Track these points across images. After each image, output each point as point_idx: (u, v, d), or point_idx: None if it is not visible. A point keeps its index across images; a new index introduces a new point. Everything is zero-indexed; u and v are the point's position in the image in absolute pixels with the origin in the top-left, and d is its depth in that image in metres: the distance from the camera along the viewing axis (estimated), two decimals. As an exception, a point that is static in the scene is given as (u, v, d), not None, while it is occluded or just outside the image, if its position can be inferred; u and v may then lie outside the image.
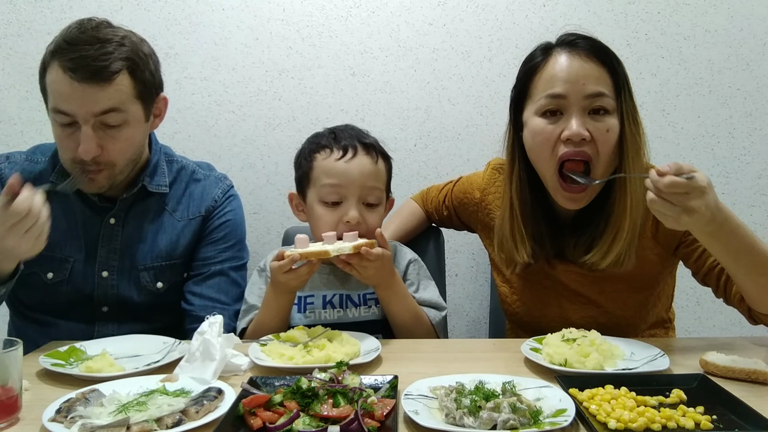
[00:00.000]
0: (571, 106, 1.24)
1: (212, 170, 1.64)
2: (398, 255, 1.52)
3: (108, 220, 1.48)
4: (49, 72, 1.32)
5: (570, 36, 1.29)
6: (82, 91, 1.29)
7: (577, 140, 1.23)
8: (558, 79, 1.25)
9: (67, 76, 1.28)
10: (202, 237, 1.56)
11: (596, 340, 1.16)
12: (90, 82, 1.29)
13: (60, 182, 1.38)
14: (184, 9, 1.99)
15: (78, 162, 1.35)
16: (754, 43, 2.01)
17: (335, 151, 1.41)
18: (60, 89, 1.30)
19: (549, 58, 1.28)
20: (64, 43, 1.31)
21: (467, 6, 2.01)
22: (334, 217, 1.40)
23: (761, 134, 2.04)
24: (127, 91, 1.35)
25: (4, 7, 1.97)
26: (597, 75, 1.25)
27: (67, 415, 0.88)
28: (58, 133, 1.36)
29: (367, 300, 1.46)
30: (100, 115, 1.32)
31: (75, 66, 1.28)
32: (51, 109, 1.34)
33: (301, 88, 2.03)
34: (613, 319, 1.38)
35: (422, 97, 2.04)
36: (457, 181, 1.65)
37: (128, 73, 1.34)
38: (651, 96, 2.03)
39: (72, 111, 1.31)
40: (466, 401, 0.89)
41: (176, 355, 1.16)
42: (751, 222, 2.07)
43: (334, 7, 2.01)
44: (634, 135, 1.26)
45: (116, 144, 1.36)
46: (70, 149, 1.35)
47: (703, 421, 0.88)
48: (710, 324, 2.11)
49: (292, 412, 0.87)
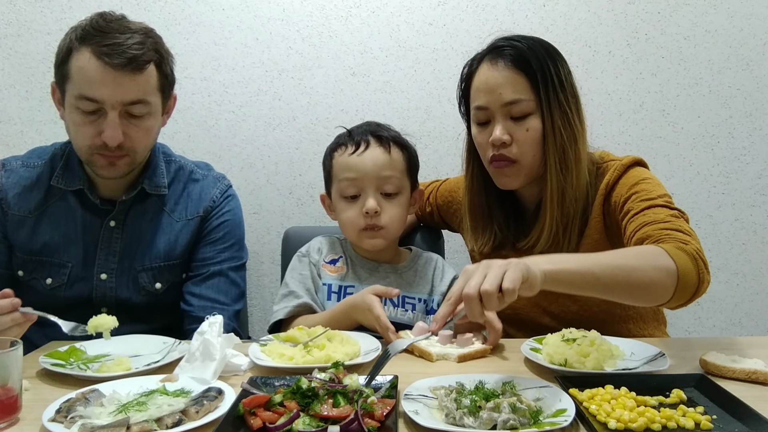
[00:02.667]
0: (494, 113, 1.35)
1: (210, 170, 1.63)
2: (436, 269, 1.55)
3: (108, 223, 1.48)
4: (77, 58, 1.31)
5: (499, 41, 1.38)
6: (114, 78, 1.30)
7: (498, 144, 1.34)
8: (480, 91, 1.37)
9: (101, 62, 1.28)
10: (201, 237, 1.56)
11: (596, 340, 1.16)
12: (124, 69, 1.30)
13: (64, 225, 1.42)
14: (184, 9, 1.99)
15: (97, 148, 1.35)
16: (754, 43, 2.01)
17: (349, 147, 1.47)
18: (91, 75, 1.29)
19: (478, 68, 1.39)
20: (95, 31, 1.30)
21: (467, 6, 2.01)
22: (356, 210, 1.45)
23: (761, 134, 2.04)
24: (153, 82, 1.37)
25: (4, 7, 1.97)
26: (513, 83, 1.33)
27: (67, 415, 0.88)
28: (77, 119, 1.34)
29: (406, 303, 1.47)
30: (129, 104, 1.33)
31: (111, 52, 1.28)
32: (76, 96, 1.32)
33: (301, 88, 2.03)
34: (584, 306, 1.40)
35: (422, 97, 2.04)
36: (444, 181, 1.71)
37: (155, 66, 1.37)
38: (651, 96, 2.03)
39: (102, 97, 1.31)
40: (466, 401, 0.89)
41: (176, 355, 1.16)
42: (750, 222, 2.07)
43: (334, 7, 2.01)
44: (558, 129, 1.33)
45: (138, 132, 1.38)
46: (89, 136, 1.34)
47: (703, 421, 0.87)
48: (710, 324, 2.11)
49: (292, 412, 0.86)
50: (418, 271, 1.54)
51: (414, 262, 1.56)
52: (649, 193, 1.28)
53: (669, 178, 2.04)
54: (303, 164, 2.05)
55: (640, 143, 2.03)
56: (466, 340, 1.23)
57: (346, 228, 1.49)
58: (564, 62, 1.37)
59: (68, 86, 1.34)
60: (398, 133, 1.53)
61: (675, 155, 2.04)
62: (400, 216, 1.48)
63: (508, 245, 1.47)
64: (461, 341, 1.23)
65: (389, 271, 1.52)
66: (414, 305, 1.47)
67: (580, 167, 1.35)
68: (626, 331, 1.42)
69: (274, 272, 2.04)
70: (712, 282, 1.40)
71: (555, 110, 1.33)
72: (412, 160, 1.52)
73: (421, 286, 1.51)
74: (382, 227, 1.45)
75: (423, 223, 1.80)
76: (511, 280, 0.93)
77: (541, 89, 1.32)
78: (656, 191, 1.29)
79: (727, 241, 2.07)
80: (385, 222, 1.44)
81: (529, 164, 1.36)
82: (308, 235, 1.70)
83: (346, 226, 1.49)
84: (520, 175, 1.37)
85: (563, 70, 1.35)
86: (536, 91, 1.32)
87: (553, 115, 1.33)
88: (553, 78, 1.33)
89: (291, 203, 2.07)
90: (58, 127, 1.90)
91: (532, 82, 1.32)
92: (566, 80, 1.35)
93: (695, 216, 2.06)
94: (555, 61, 1.35)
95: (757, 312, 2.10)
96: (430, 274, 1.54)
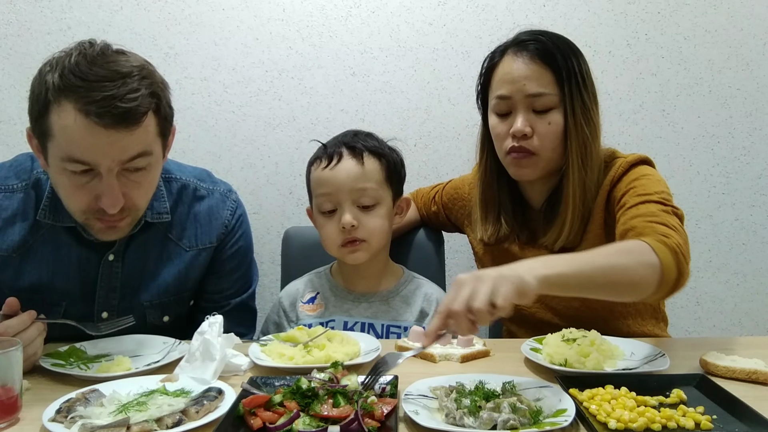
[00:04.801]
0: (516, 105, 1.34)
1: (214, 182, 1.47)
2: (428, 298, 1.49)
3: (107, 258, 1.31)
4: (57, 114, 1.09)
5: (523, 35, 1.38)
6: (108, 138, 1.08)
7: (520, 135, 1.33)
8: (504, 81, 1.36)
9: (89, 121, 1.07)
10: (214, 269, 1.44)
11: (596, 340, 1.16)
12: (118, 127, 1.09)
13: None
14: (184, 9, 1.99)
15: (93, 213, 1.17)
16: (754, 43, 2.00)
17: (323, 161, 1.44)
18: (78, 136, 1.08)
19: (502, 60, 1.38)
20: (77, 80, 1.07)
21: (467, 6, 2.01)
22: (334, 225, 1.42)
23: (761, 134, 2.04)
24: (153, 131, 1.17)
25: (4, 7, 1.97)
26: (538, 75, 1.33)
27: (67, 415, 0.88)
28: (65, 182, 1.14)
29: (391, 333, 1.44)
30: (128, 161, 1.14)
31: (100, 110, 1.06)
32: (62, 158, 1.11)
33: (301, 88, 2.03)
34: (585, 302, 1.39)
35: (422, 97, 2.04)
36: (449, 181, 1.70)
37: (153, 111, 1.15)
38: (651, 96, 2.03)
39: (95, 161, 1.10)
40: (466, 401, 0.89)
41: (176, 355, 1.16)
42: (750, 222, 2.07)
43: (334, 7, 2.01)
44: (580, 125, 1.34)
45: (140, 190, 1.19)
46: (83, 201, 1.15)
47: (703, 421, 0.87)
48: (710, 324, 2.11)
49: (292, 412, 0.87)
50: (407, 297, 1.49)
51: (403, 286, 1.50)
52: (646, 189, 1.29)
53: (669, 178, 2.03)
54: (303, 164, 2.02)
55: (640, 143, 2.03)
56: (467, 341, 1.23)
57: (326, 244, 1.46)
58: (585, 60, 1.38)
59: (50, 144, 1.12)
60: (379, 140, 1.48)
61: (675, 155, 2.04)
62: (381, 227, 1.43)
63: (511, 238, 1.48)
64: (462, 342, 1.23)
65: (373, 299, 1.48)
66: (399, 334, 1.43)
67: (597, 164, 1.36)
68: (625, 327, 1.42)
69: (274, 272, 2.03)
70: (712, 282, 1.40)
71: (577, 106, 1.33)
72: (391, 168, 1.46)
73: (408, 314, 1.46)
74: (363, 240, 1.41)
75: (427, 225, 1.77)
76: (504, 297, 0.90)
77: (565, 84, 1.33)
78: (654, 188, 1.29)
79: (727, 241, 2.07)
80: (364, 235, 1.40)
81: (548, 158, 1.36)
82: (308, 235, 1.70)
83: (326, 241, 1.46)
84: (538, 168, 1.37)
85: (585, 67, 1.37)
86: (560, 86, 1.33)
87: (575, 111, 1.33)
88: (576, 74, 1.34)
89: (291, 203, 2.07)
90: (58, 127, 1.91)
91: (557, 76, 1.33)
92: (587, 77, 1.36)
93: (695, 216, 2.06)
94: (578, 57, 1.36)
95: (757, 312, 2.09)
96: (419, 301, 1.48)
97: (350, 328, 1.44)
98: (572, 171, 1.35)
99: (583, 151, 1.34)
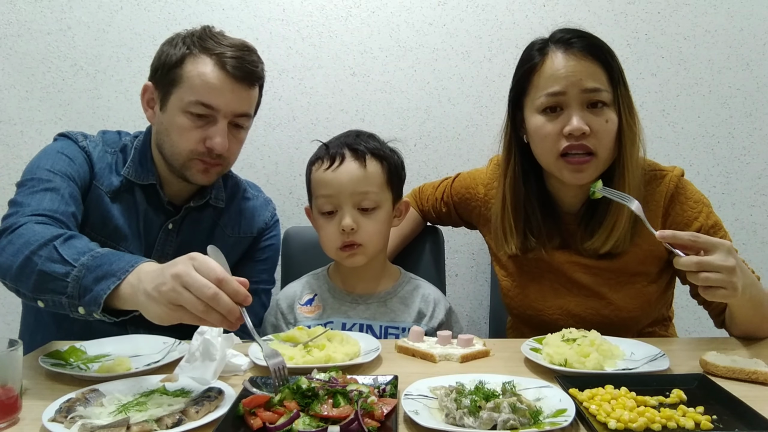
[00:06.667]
0: (570, 101, 1.28)
1: (260, 191, 1.69)
2: (426, 299, 1.48)
3: (167, 226, 1.48)
4: (195, 63, 1.34)
5: (565, 34, 1.33)
6: (232, 90, 1.35)
7: (578, 134, 1.27)
8: (556, 77, 1.29)
9: (224, 72, 1.33)
10: (249, 255, 1.60)
11: (596, 340, 1.16)
12: (243, 82, 1.36)
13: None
14: (184, 9, 2.00)
15: (198, 153, 1.37)
16: (754, 43, 2.01)
17: (325, 162, 1.42)
18: (212, 82, 1.33)
19: (546, 57, 1.32)
20: (214, 43, 1.35)
21: (467, 6, 2.01)
22: (333, 227, 1.41)
23: (761, 134, 2.04)
24: (255, 99, 1.44)
25: (4, 7, 1.97)
26: (592, 71, 1.29)
27: (67, 415, 0.88)
28: (185, 123, 1.35)
29: (389, 333, 1.44)
30: (237, 116, 1.38)
31: (236, 64, 1.34)
32: (190, 101, 1.34)
33: (301, 88, 2.03)
34: (615, 311, 1.39)
35: (422, 97, 2.04)
36: (456, 177, 1.65)
37: (259, 86, 1.45)
38: (651, 96, 2.03)
39: (218, 105, 1.34)
40: (466, 401, 0.89)
41: (176, 355, 1.16)
42: (750, 222, 2.07)
43: (334, 7, 2.01)
44: (631, 126, 1.32)
45: (236, 144, 1.43)
46: (193, 140, 1.36)
47: (703, 421, 0.87)
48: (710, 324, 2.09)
49: (292, 412, 0.87)
50: (405, 298, 1.48)
51: (401, 287, 1.50)
52: (716, 220, 1.37)
53: (669, 178, 2.04)
54: (303, 164, 2.02)
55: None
56: (466, 341, 1.22)
57: (325, 245, 1.45)
58: None
59: (178, 90, 1.35)
60: (381, 142, 1.47)
61: (675, 155, 2.04)
62: (380, 231, 1.42)
63: (538, 248, 1.42)
64: (462, 342, 1.23)
65: (371, 300, 1.47)
66: (397, 335, 1.42)
67: (640, 166, 1.34)
68: (640, 331, 1.44)
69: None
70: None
71: (625, 105, 1.31)
72: (392, 171, 1.45)
73: (406, 315, 1.46)
74: (361, 244, 1.40)
75: (437, 224, 1.76)
76: (726, 295, 1.10)
77: (617, 82, 1.30)
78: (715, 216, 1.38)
79: (727, 241, 2.07)
80: (363, 239, 1.39)
81: (605, 159, 1.31)
82: (308, 235, 1.70)
83: (324, 243, 1.45)
84: (596, 170, 1.31)
85: (621, 68, 1.34)
86: (612, 83, 1.30)
87: (625, 110, 1.31)
88: (621, 73, 1.32)
89: (291, 203, 2.07)
90: (58, 127, 1.91)
91: (609, 73, 1.30)
92: (625, 79, 1.34)
93: (695, 216, 2.06)
94: (616, 58, 1.33)
95: (757, 312, 2.09)
96: (417, 301, 1.47)
97: (348, 329, 1.43)
98: (628, 173, 1.31)
99: (635, 153, 1.31)
